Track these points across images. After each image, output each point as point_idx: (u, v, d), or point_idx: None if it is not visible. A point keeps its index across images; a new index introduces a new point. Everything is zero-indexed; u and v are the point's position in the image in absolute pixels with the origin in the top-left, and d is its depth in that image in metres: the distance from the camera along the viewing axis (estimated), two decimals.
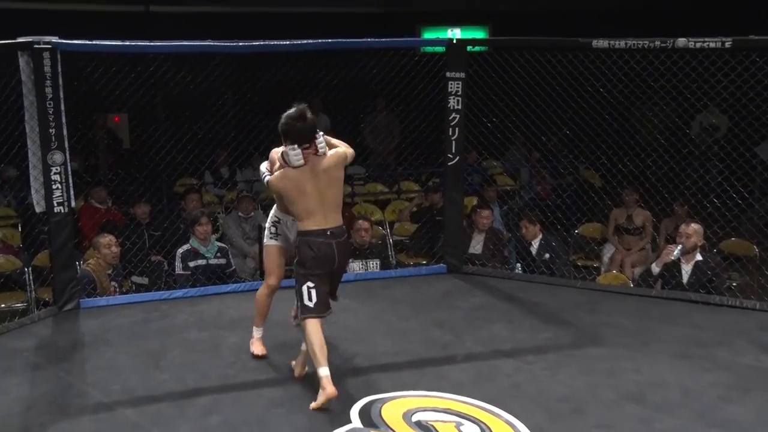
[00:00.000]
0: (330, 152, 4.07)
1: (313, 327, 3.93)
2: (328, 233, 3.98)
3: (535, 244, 6.36)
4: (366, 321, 5.04)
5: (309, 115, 3.98)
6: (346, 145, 4.23)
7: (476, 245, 6.54)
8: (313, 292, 3.95)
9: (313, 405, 3.82)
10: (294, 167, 3.95)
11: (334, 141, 4.21)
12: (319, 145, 4.00)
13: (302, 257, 3.99)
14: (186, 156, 6.65)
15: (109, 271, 5.80)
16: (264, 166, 4.26)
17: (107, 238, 5.79)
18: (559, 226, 6.77)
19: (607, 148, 6.37)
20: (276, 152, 4.23)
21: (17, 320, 5.10)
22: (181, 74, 6.52)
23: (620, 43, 5.27)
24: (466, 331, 4.81)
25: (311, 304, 3.95)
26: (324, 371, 3.83)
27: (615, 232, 6.92)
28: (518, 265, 6.43)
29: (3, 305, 6.16)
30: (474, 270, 6.12)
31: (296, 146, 3.93)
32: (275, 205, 4.44)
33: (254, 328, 4.49)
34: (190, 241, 6.02)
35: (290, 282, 4.16)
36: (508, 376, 4.19)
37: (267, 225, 4.42)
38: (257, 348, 4.45)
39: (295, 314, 4.11)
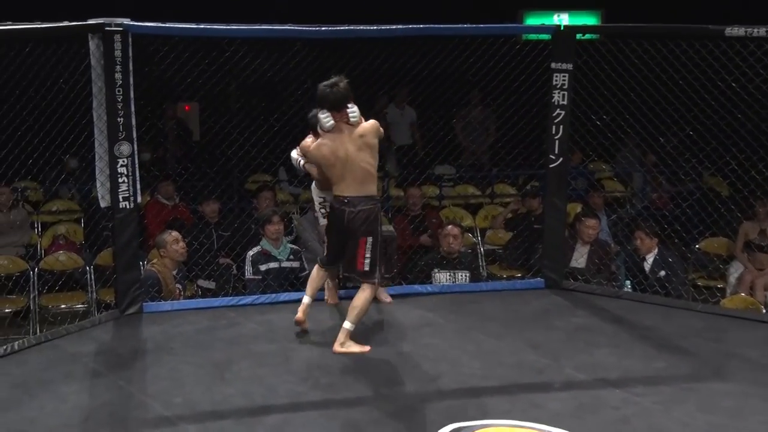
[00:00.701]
0: (364, 123, 4.84)
1: (316, 270, 5.07)
2: (345, 200, 4.79)
3: (650, 260, 6.21)
4: (452, 339, 5.01)
5: (342, 84, 4.80)
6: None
7: (579, 258, 6.45)
8: (325, 246, 5.12)
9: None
10: (326, 130, 4.79)
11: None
12: (350, 114, 4.76)
13: (328, 222, 4.98)
14: (260, 150, 6.75)
15: (175, 272, 5.96)
16: (295, 153, 5.21)
17: (173, 234, 5.95)
18: (677, 240, 6.58)
19: (737, 151, 6.14)
20: (307, 143, 5.09)
21: (77, 323, 5.29)
22: (258, 61, 6.64)
23: (759, 31, 5.07)
24: (565, 355, 4.72)
25: (323, 254, 5.11)
26: (306, 299, 5.01)
27: (744, 249, 6.70)
28: (628, 282, 6.31)
29: (63, 306, 6.43)
30: (576, 286, 6.02)
31: (327, 112, 4.76)
32: (314, 186, 5.34)
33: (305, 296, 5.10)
34: (261, 242, 6.13)
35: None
36: (615, 409, 4.08)
37: (316, 207, 5.30)
38: (299, 313, 5.01)
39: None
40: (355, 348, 4.76)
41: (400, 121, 9.57)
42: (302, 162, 5.27)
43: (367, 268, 4.82)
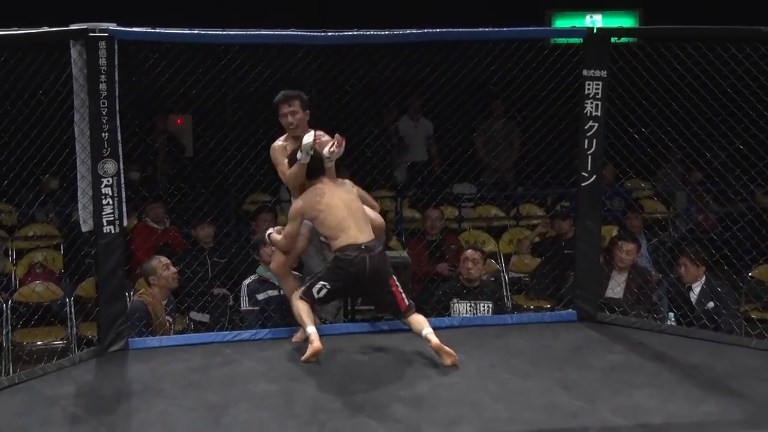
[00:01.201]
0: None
1: (304, 309, 5.13)
2: (363, 247, 5.06)
3: (696, 290, 6.17)
4: (473, 378, 4.98)
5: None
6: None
7: (616, 287, 6.43)
8: (324, 292, 5.15)
9: (303, 359, 5.00)
10: (306, 152, 5.15)
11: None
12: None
13: (332, 272, 5.13)
14: (259, 167, 6.76)
15: (164, 302, 5.96)
16: (270, 231, 5.51)
17: (162, 259, 5.96)
18: (726, 267, 6.53)
19: None
20: (277, 146, 5.55)
21: (55, 361, 5.27)
22: (257, 69, 6.67)
23: None
24: (601, 397, 4.68)
25: (315, 296, 5.15)
26: (311, 329, 5.05)
27: None
28: (671, 314, 6.26)
29: (40, 342, 6.44)
30: (613, 319, 5.98)
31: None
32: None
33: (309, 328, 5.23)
34: (257, 269, 6.12)
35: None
36: None
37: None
38: (316, 342, 5.11)
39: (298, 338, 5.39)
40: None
41: (414, 135, 9.59)
42: (292, 208, 5.34)
43: (407, 302, 5.24)
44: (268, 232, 5.55)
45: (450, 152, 7.67)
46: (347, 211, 5.19)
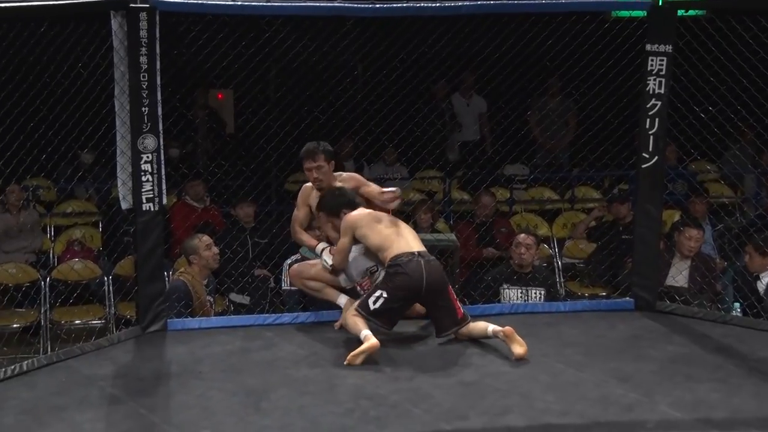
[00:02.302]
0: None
1: (358, 320, 5.05)
2: (417, 253, 5.12)
3: (765, 279, 6.12)
4: (524, 368, 4.96)
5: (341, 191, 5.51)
6: None
7: (678, 275, 6.37)
8: (381, 301, 5.08)
9: (355, 352, 4.85)
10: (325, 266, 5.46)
11: None
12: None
13: (388, 280, 5.11)
14: (302, 145, 6.79)
15: (205, 282, 6.03)
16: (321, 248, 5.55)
17: (203, 238, 6.02)
18: None
19: None
20: (305, 191, 5.66)
21: (93, 341, 5.36)
22: (302, 43, 6.68)
23: None
24: (660, 390, 4.63)
25: (371, 307, 5.08)
26: (366, 331, 4.95)
27: None
28: (737, 305, 6.20)
29: (78, 321, 6.56)
30: (673, 308, 5.92)
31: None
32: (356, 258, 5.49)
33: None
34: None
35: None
36: None
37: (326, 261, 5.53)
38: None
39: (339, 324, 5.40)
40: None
41: (465, 113, 9.55)
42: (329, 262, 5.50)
43: (462, 309, 5.26)
44: (321, 247, 5.56)
45: (503, 131, 7.64)
46: (395, 227, 5.30)
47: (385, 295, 5.10)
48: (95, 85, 5.55)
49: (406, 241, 5.22)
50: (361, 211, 5.39)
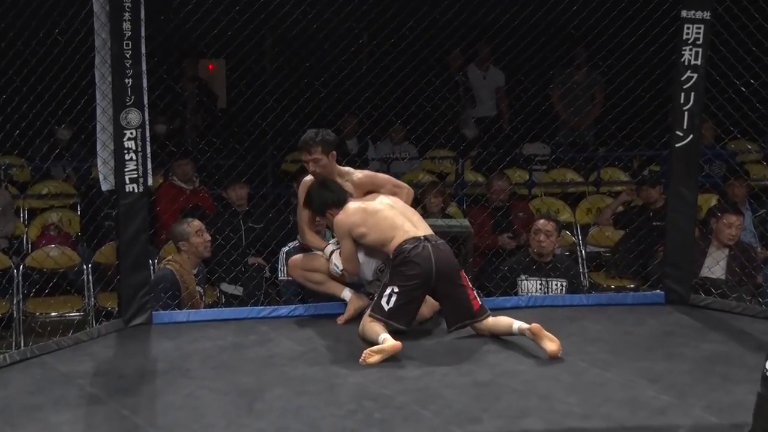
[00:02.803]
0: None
1: (375, 325, 5.07)
2: (423, 237, 5.15)
3: None
4: (543, 366, 4.97)
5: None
6: None
7: (714, 266, 6.38)
8: (394, 298, 5.10)
9: (369, 350, 4.89)
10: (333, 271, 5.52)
11: None
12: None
13: (396, 273, 5.14)
14: (302, 122, 6.78)
15: (194, 271, 6.03)
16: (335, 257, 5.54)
17: (194, 223, 6.03)
18: None
19: None
20: (306, 185, 5.58)
21: (71, 335, 5.38)
22: (300, 9, 6.66)
23: None
24: (694, 392, 4.64)
25: (386, 307, 5.10)
26: (384, 334, 4.98)
27: None
28: None
29: (54, 313, 6.56)
30: (709, 302, 5.93)
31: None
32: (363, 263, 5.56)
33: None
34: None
35: None
36: None
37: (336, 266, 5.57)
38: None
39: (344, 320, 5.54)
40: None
41: (481, 86, 9.54)
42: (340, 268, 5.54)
43: (480, 301, 5.28)
44: (329, 249, 5.57)
45: (522, 106, 7.60)
46: (394, 212, 5.32)
47: (396, 290, 5.13)
48: (74, 53, 5.54)
49: (408, 225, 5.25)
50: (350, 210, 5.37)
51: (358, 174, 5.67)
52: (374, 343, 4.99)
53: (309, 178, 5.66)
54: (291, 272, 5.75)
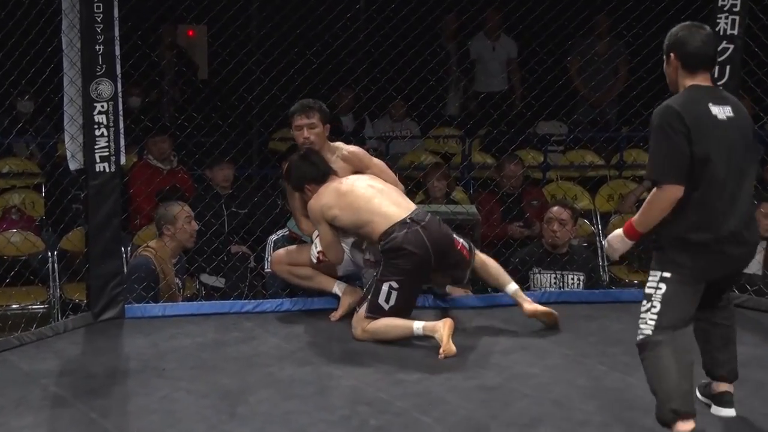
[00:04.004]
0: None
1: (387, 321, 5.11)
2: (409, 219, 5.17)
3: None
4: (558, 369, 4.98)
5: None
6: None
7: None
8: (395, 295, 5.13)
9: (444, 343, 4.94)
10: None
11: None
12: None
13: (389, 267, 5.15)
14: (291, 96, 6.77)
15: (173, 260, 6.03)
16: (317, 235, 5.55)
17: (185, 208, 6.03)
18: None
19: None
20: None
21: (35, 330, 5.39)
22: None
23: None
24: None
25: (386, 306, 5.13)
26: (417, 324, 5.06)
27: None
28: None
29: (15, 306, 6.55)
30: (743, 300, 5.94)
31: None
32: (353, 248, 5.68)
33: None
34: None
35: None
36: None
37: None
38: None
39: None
40: None
41: (491, 58, 9.49)
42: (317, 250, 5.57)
43: (467, 245, 5.46)
44: (316, 250, 5.57)
45: (536, 81, 7.58)
46: (371, 191, 5.34)
47: (395, 285, 5.15)
48: (38, 16, 5.52)
49: (387, 206, 5.27)
50: (321, 191, 5.40)
51: (350, 148, 5.72)
52: (403, 337, 5.12)
53: (294, 158, 5.67)
54: (275, 268, 5.77)
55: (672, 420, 3.93)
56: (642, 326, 3.95)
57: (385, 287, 5.15)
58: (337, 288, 5.63)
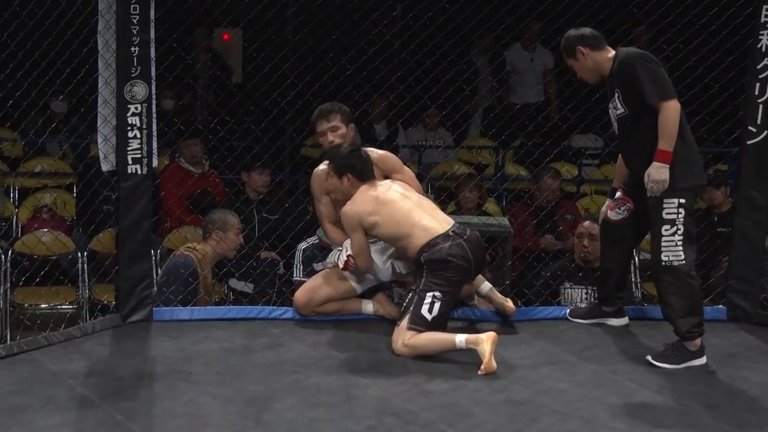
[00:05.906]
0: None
1: (429, 334, 5.14)
2: (451, 233, 5.26)
3: None
4: (587, 386, 4.96)
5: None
6: None
7: None
8: (438, 305, 5.18)
9: (485, 359, 4.93)
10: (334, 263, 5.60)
11: None
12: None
13: (433, 277, 5.22)
14: (325, 101, 6.79)
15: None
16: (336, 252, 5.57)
17: (238, 220, 6.19)
18: None
19: None
20: (319, 175, 5.67)
21: (63, 330, 5.42)
22: None
23: None
24: (757, 421, 4.61)
25: (428, 317, 5.17)
26: (459, 337, 5.05)
27: None
28: None
29: (45, 305, 6.59)
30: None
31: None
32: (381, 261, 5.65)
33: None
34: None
35: None
36: None
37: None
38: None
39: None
40: None
41: (527, 70, 9.48)
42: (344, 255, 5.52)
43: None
44: (347, 243, 5.54)
45: (572, 93, 7.57)
46: (409, 203, 5.39)
47: (439, 295, 5.20)
48: (75, 17, 5.56)
49: (427, 220, 5.33)
50: (359, 199, 5.40)
51: (381, 152, 5.74)
52: (446, 350, 5.13)
53: (322, 167, 5.67)
54: (300, 311, 5.73)
55: (697, 334, 5.08)
56: (671, 249, 4.82)
57: (428, 297, 5.19)
58: (366, 308, 5.67)
